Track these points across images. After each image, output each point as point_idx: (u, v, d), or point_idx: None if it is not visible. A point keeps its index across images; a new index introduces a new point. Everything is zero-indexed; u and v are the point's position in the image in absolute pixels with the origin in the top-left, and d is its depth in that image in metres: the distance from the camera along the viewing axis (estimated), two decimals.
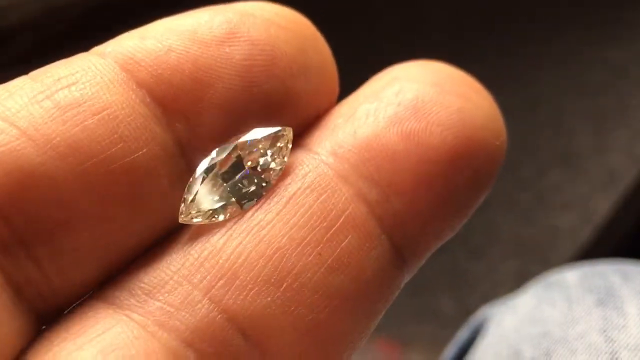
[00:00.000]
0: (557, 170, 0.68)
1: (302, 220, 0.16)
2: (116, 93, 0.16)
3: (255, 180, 0.17)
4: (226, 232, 0.16)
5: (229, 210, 0.17)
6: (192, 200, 0.17)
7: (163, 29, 0.17)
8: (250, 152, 0.18)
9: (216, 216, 0.17)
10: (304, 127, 0.18)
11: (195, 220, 0.17)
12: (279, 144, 0.18)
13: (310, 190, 0.17)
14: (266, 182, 0.17)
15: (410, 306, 0.62)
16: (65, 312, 0.16)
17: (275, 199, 0.17)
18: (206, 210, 0.17)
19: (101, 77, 0.16)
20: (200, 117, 0.17)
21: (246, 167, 0.18)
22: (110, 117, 0.16)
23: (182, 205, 0.17)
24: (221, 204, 0.17)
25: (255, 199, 0.17)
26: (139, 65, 0.16)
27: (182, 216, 0.17)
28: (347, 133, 0.17)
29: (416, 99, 0.17)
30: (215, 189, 0.17)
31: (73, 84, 0.16)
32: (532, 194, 0.68)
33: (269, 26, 0.18)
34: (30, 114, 0.15)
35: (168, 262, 0.16)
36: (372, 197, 0.17)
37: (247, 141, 0.17)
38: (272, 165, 0.18)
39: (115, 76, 0.16)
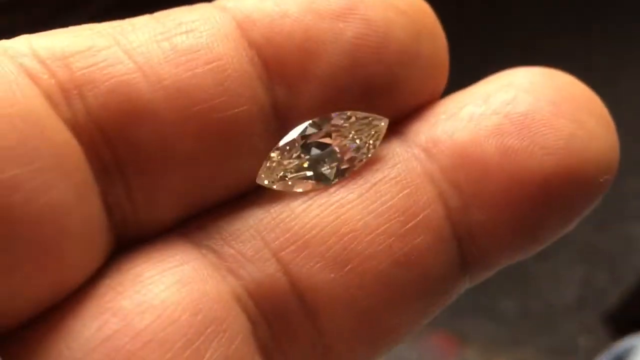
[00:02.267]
0: (635, 178, 0.66)
1: (381, 209, 0.16)
2: (229, 47, 0.16)
3: (338, 163, 0.17)
4: (307, 200, 0.17)
5: (303, 183, 0.17)
6: (273, 165, 0.17)
7: None
8: (341, 134, 0.17)
9: (290, 186, 0.17)
10: (402, 116, 0.18)
11: (269, 183, 0.17)
12: (371, 133, 0.17)
13: (396, 182, 0.17)
14: (348, 167, 0.17)
15: (471, 302, 0.62)
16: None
17: (361, 181, 0.17)
18: (284, 177, 0.17)
19: (218, 30, 0.16)
20: (300, 87, 0.17)
21: (333, 146, 0.18)
22: (220, 69, 0.16)
23: (264, 166, 0.17)
24: (298, 175, 0.17)
25: (333, 180, 0.17)
26: (254, 24, 0.17)
27: (261, 177, 0.17)
28: (445, 132, 0.17)
29: (526, 115, 0.16)
30: (298, 159, 0.17)
31: (192, 30, 0.16)
32: (607, 200, 0.66)
33: (387, 8, 0.17)
34: (148, 51, 0.16)
35: (248, 214, 0.17)
36: (453, 203, 0.16)
37: (341, 121, 0.17)
38: (359, 152, 0.17)
39: (231, 31, 0.16)
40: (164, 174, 0.16)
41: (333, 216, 0.16)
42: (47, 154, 0.14)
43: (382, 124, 0.17)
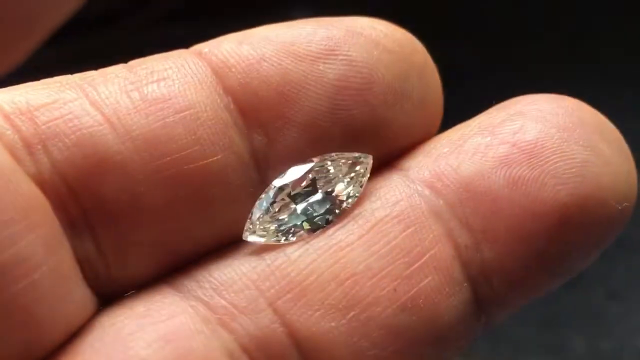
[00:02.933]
0: None
1: (383, 250, 0.16)
2: (202, 95, 0.16)
3: (327, 207, 0.17)
4: (303, 245, 0.16)
5: (294, 233, 0.16)
6: (259, 218, 0.16)
7: (261, 37, 0.17)
8: (326, 177, 0.17)
9: (281, 238, 0.16)
10: (389, 156, 0.17)
11: (258, 239, 0.16)
12: (356, 171, 0.17)
13: (399, 220, 0.16)
14: (338, 210, 0.16)
15: (539, 339, 0.60)
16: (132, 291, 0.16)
17: (360, 222, 0.16)
18: (272, 230, 0.16)
19: (192, 77, 0.16)
20: (280, 133, 0.16)
21: (320, 191, 0.17)
22: (192, 117, 0.16)
23: (248, 220, 0.16)
24: (288, 225, 0.17)
25: (321, 227, 0.16)
26: (229, 70, 0.16)
27: (247, 232, 0.16)
28: (449, 166, 0.16)
29: (535, 143, 0.16)
30: (284, 209, 0.17)
31: (163, 79, 0.16)
32: None
33: (372, 47, 0.17)
34: (117, 102, 0.15)
35: (240, 262, 0.16)
36: (462, 241, 0.16)
37: (324, 164, 0.16)
38: (347, 192, 0.17)
39: (204, 78, 0.16)
40: (134, 229, 0.15)
41: (332, 260, 0.16)
42: (13, 207, 0.14)
43: (366, 160, 0.17)
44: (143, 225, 0.16)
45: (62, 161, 0.15)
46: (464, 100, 0.21)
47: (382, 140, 0.17)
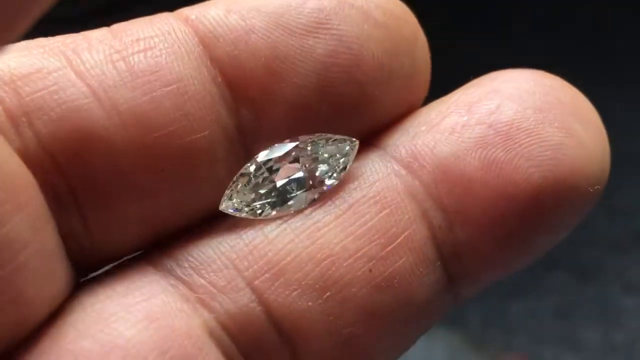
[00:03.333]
0: None
1: (359, 231, 0.16)
2: (190, 67, 0.15)
3: (306, 187, 0.16)
4: (281, 224, 0.16)
5: (269, 209, 0.16)
6: (236, 193, 0.16)
7: (250, 6, 0.16)
8: (310, 157, 0.17)
9: (256, 212, 0.16)
10: (375, 132, 0.17)
11: (233, 211, 0.16)
12: (341, 155, 0.16)
13: (375, 201, 0.16)
14: (318, 193, 0.16)
15: (553, 331, 0.61)
16: (110, 266, 0.16)
17: (337, 202, 0.16)
18: (249, 202, 0.16)
19: (178, 47, 0.15)
20: (266, 109, 0.16)
21: (302, 170, 0.17)
22: (180, 91, 0.15)
23: (227, 191, 0.16)
24: (264, 201, 0.16)
25: (299, 206, 0.16)
26: (217, 41, 0.16)
27: (223, 204, 0.16)
28: (426, 145, 0.16)
29: (511, 124, 0.16)
30: (263, 185, 0.16)
31: (150, 48, 0.15)
32: None
33: (363, 20, 0.16)
34: (102, 73, 0.15)
35: (219, 240, 0.16)
36: (436, 222, 0.16)
37: (308, 144, 0.16)
38: (328, 175, 0.17)
39: (192, 48, 0.16)
40: (120, 204, 0.15)
41: (309, 241, 0.16)
42: (0, 187, 0.13)
43: (353, 145, 0.16)
44: (129, 200, 0.15)
45: (47, 135, 0.14)
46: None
47: (369, 117, 0.17)
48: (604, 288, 0.62)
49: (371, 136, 0.17)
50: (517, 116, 0.16)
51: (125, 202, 0.15)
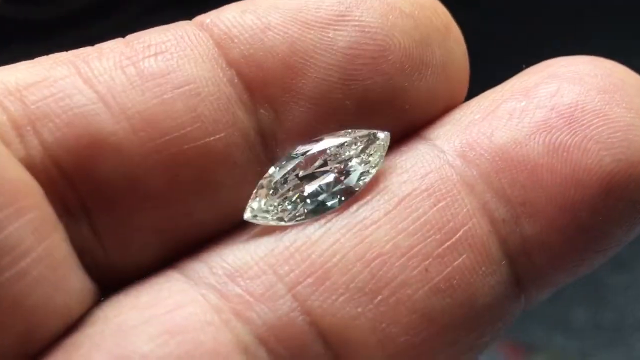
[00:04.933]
0: None
1: (412, 227, 0.14)
2: (203, 68, 0.15)
3: (337, 188, 0.15)
4: (325, 223, 0.15)
5: (299, 215, 0.15)
6: (262, 199, 0.15)
7: (268, 5, 0.15)
8: (337, 156, 0.15)
9: (284, 220, 0.15)
10: (409, 130, 0.16)
11: (260, 220, 0.15)
12: (371, 151, 0.15)
13: (428, 194, 0.15)
14: (348, 193, 0.15)
15: (541, 312, 0.60)
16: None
17: (386, 197, 0.15)
18: (274, 212, 0.15)
19: (191, 50, 0.15)
20: (287, 107, 0.15)
21: (330, 171, 0.15)
22: (192, 93, 0.15)
23: (251, 200, 0.15)
24: (293, 208, 0.15)
25: (331, 210, 0.15)
26: (232, 41, 0.15)
27: (248, 213, 0.15)
28: (482, 133, 0.15)
29: (575, 106, 0.14)
30: (291, 191, 0.15)
31: (161, 52, 0.15)
32: None
33: (388, 11, 0.15)
34: (111, 79, 0.14)
35: (256, 244, 0.15)
36: (499, 215, 0.15)
37: (335, 143, 0.15)
38: (359, 174, 0.15)
39: (206, 50, 0.15)
40: (134, 213, 0.14)
41: (357, 239, 0.14)
42: None
43: (383, 138, 0.15)
44: (143, 210, 0.14)
45: (53, 143, 0.14)
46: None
47: (401, 111, 0.16)
48: None
49: (415, 129, 0.16)
50: (581, 98, 0.15)
51: (139, 211, 0.14)
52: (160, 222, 0.15)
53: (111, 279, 0.15)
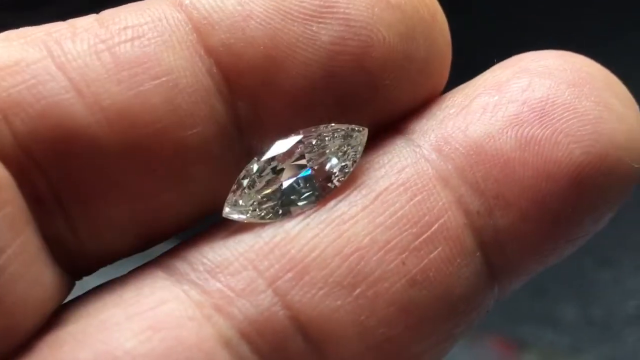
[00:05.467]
0: None
1: (389, 221, 0.15)
2: (181, 57, 0.14)
3: (315, 184, 0.15)
4: (303, 219, 0.15)
5: (275, 211, 0.15)
6: (240, 194, 0.15)
7: None
8: (315, 151, 0.15)
9: (261, 215, 0.15)
10: (387, 124, 0.16)
11: (237, 216, 0.15)
12: (348, 147, 0.15)
13: (405, 188, 0.15)
14: (324, 189, 0.15)
15: (530, 308, 0.60)
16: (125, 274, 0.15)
17: (364, 192, 0.15)
18: (252, 207, 0.15)
19: (169, 36, 0.14)
20: (266, 101, 0.15)
21: (308, 166, 0.15)
22: (170, 84, 0.14)
23: (230, 195, 0.15)
24: (270, 204, 0.15)
25: (308, 206, 0.15)
26: (212, 27, 0.15)
27: (227, 210, 0.15)
28: (457, 128, 0.15)
29: (546, 100, 0.15)
30: (268, 185, 0.15)
31: (138, 37, 0.14)
32: None
33: (374, 3, 0.15)
34: (85, 66, 0.14)
35: (236, 240, 0.15)
36: (474, 208, 0.15)
37: (313, 138, 0.15)
38: (337, 170, 0.15)
39: (184, 36, 0.15)
40: (108, 206, 0.14)
41: (335, 234, 0.14)
42: None
43: (361, 133, 0.15)
44: (118, 203, 0.14)
45: (26, 133, 0.14)
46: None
47: (381, 107, 0.16)
48: (578, 263, 0.62)
49: (393, 123, 0.16)
50: (551, 92, 0.15)
51: (114, 204, 0.14)
52: (136, 215, 0.15)
53: (84, 266, 0.15)
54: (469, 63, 0.19)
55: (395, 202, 0.15)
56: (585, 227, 0.15)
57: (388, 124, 0.16)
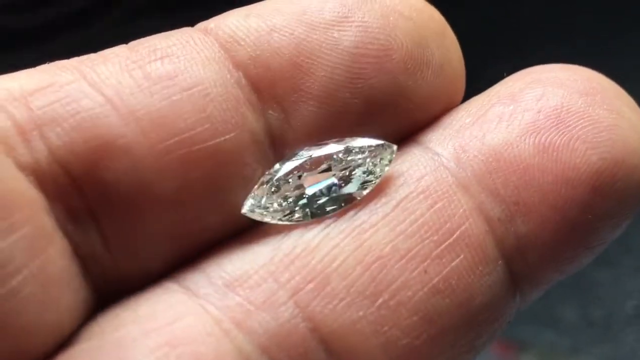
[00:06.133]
0: None
1: (410, 229, 0.15)
2: (211, 70, 0.15)
3: (336, 194, 0.15)
4: (324, 229, 0.15)
5: (297, 217, 0.15)
6: (262, 194, 0.15)
7: (271, 9, 0.16)
8: (342, 162, 0.15)
9: (282, 219, 0.15)
10: (412, 131, 0.16)
11: (257, 216, 0.15)
12: (376, 161, 0.15)
13: (425, 196, 0.15)
14: (348, 200, 0.15)
15: (530, 309, 0.61)
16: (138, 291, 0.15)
17: (383, 200, 0.15)
18: (273, 208, 0.15)
19: (197, 53, 0.15)
20: (295, 107, 0.15)
21: (333, 177, 0.15)
22: (201, 94, 0.15)
23: (251, 194, 0.15)
24: (292, 209, 0.15)
25: (329, 214, 0.15)
26: (238, 44, 0.15)
27: (246, 207, 0.15)
28: (474, 136, 0.15)
29: (560, 108, 0.15)
30: (291, 190, 0.15)
31: (167, 56, 0.15)
32: None
33: (388, 13, 0.16)
34: (118, 82, 0.14)
35: (255, 253, 0.15)
36: (495, 215, 0.15)
37: (341, 149, 0.15)
38: (361, 182, 0.15)
39: (212, 54, 0.15)
40: (144, 218, 0.14)
41: (355, 244, 0.14)
42: None
43: (389, 150, 0.15)
44: (152, 214, 0.14)
45: (61, 147, 0.14)
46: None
47: (405, 111, 0.16)
48: None
49: (411, 133, 0.16)
50: (565, 100, 0.15)
51: (149, 214, 0.14)
52: (170, 227, 0.14)
53: (117, 285, 0.15)
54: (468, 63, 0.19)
55: (415, 209, 0.15)
56: (603, 234, 0.15)
57: (413, 128, 0.16)
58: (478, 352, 0.15)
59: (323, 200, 0.15)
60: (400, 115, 0.16)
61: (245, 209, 0.15)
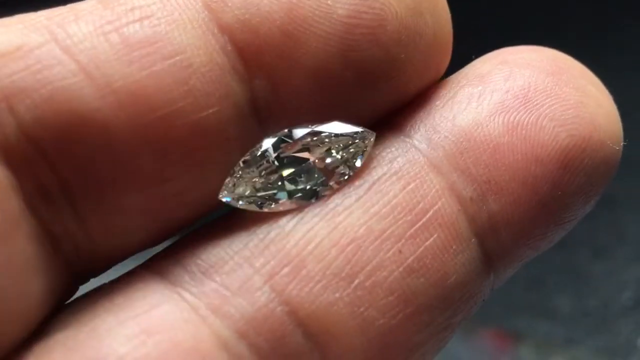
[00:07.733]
0: None
1: (384, 210, 0.15)
2: (194, 36, 0.14)
3: (316, 179, 0.15)
4: (297, 213, 0.15)
5: (274, 201, 0.15)
6: (236, 180, 0.15)
7: None
8: (321, 147, 0.15)
9: (259, 204, 0.15)
10: (402, 102, 0.16)
11: (233, 201, 0.15)
12: (354, 148, 0.15)
13: (397, 177, 0.15)
14: (325, 185, 0.15)
15: (526, 300, 0.61)
16: (111, 280, 0.15)
17: (357, 183, 0.15)
18: (250, 194, 0.15)
19: (179, 14, 0.14)
20: (284, 77, 0.15)
21: (311, 161, 0.15)
22: (183, 64, 0.14)
23: (227, 179, 0.15)
24: (269, 192, 0.15)
25: (305, 199, 0.15)
26: (225, 4, 0.14)
27: (223, 193, 0.15)
28: (445, 118, 0.15)
29: (528, 87, 0.15)
30: (269, 173, 0.15)
31: (146, 17, 0.14)
32: None
33: None
34: (93, 47, 0.13)
35: (230, 239, 0.15)
36: (467, 194, 0.15)
37: (321, 133, 0.15)
38: (340, 169, 0.15)
39: (195, 14, 0.14)
40: (120, 195, 0.14)
41: (330, 226, 0.14)
42: None
43: (368, 137, 0.15)
44: (130, 191, 0.14)
45: (31, 121, 0.13)
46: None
47: (396, 84, 0.16)
48: (573, 254, 0.62)
49: (410, 101, 0.16)
50: (532, 80, 0.15)
51: (126, 193, 0.14)
52: (149, 204, 0.14)
53: (92, 264, 0.14)
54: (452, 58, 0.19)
55: (388, 191, 0.15)
56: (574, 209, 0.16)
57: (404, 100, 0.16)
58: (454, 330, 0.16)
59: (300, 185, 0.15)
60: (392, 87, 0.16)
61: (221, 195, 0.15)
